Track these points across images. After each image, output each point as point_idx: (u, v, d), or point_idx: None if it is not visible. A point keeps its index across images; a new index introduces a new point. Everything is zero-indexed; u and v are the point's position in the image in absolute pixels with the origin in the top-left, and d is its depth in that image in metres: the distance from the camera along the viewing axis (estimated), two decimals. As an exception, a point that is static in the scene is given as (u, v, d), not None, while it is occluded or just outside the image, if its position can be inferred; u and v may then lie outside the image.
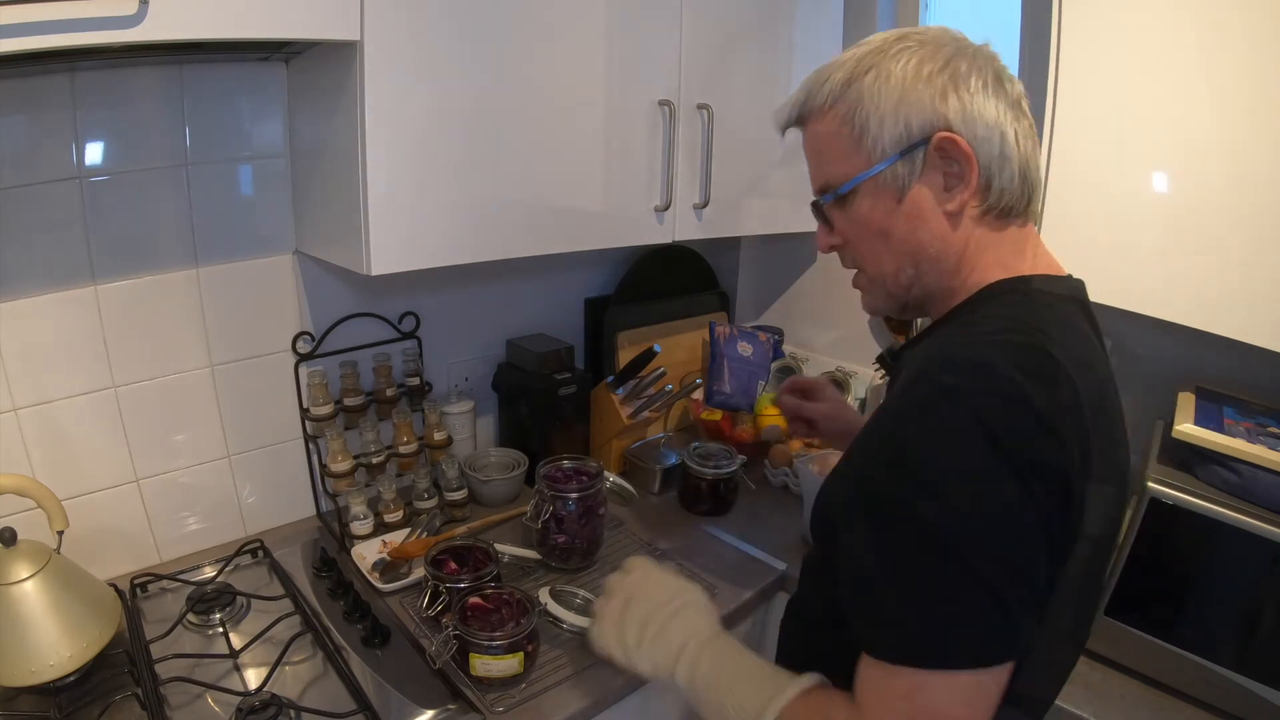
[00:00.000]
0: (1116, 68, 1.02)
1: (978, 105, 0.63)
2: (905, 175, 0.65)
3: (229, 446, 1.21)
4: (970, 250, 0.66)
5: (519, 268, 1.49)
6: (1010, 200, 0.65)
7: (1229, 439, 0.95)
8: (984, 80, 0.63)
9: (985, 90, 0.63)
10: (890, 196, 0.66)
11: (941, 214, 0.65)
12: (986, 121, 0.63)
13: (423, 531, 1.23)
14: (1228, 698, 0.92)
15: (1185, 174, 0.98)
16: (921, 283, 0.69)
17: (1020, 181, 0.65)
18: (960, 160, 0.63)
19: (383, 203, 0.95)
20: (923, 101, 0.63)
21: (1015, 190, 0.65)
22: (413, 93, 0.95)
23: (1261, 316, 0.93)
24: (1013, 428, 0.54)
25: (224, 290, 1.14)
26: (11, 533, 0.88)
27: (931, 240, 0.66)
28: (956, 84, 0.63)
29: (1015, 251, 0.67)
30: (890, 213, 0.67)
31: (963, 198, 0.64)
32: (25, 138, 0.95)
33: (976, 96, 0.63)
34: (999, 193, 0.64)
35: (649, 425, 1.57)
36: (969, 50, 0.65)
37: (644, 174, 1.23)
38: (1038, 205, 0.68)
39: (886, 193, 0.66)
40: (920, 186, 0.65)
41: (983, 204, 0.65)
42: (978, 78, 0.63)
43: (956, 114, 0.63)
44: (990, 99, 0.63)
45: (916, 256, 0.67)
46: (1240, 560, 0.91)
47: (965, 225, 0.66)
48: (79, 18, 0.70)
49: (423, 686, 0.93)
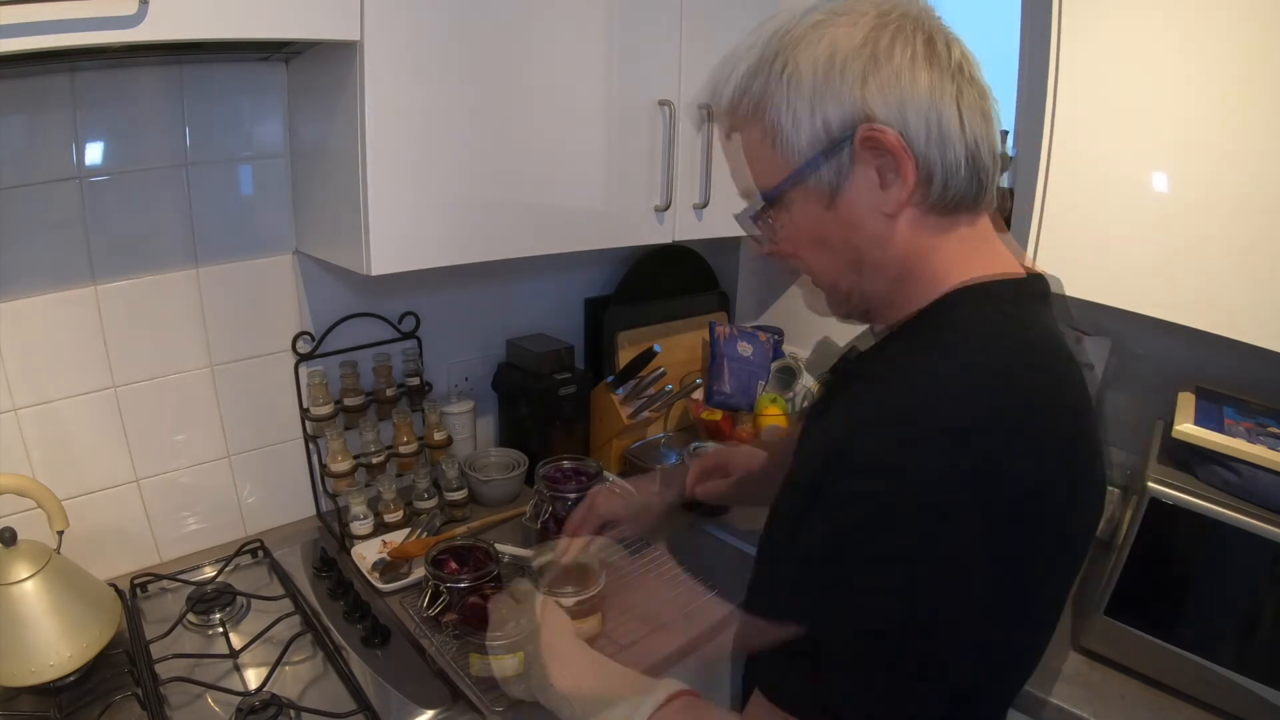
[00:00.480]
0: (1117, 68, 1.02)
1: (905, 85, 0.54)
2: (832, 177, 0.57)
3: (229, 446, 1.21)
4: (915, 254, 0.59)
5: (519, 268, 1.49)
6: (957, 191, 0.56)
7: (1229, 439, 0.95)
8: (911, 51, 0.54)
9: (914, 64, 0.54)
10: (818, 201, 0.58)
11: (880, 216, 0.57)
12: (918, 103, 0.54)
13: (423, 531, 1.23)
14: (1228, 698, 0.92)
15: (1185, 174, 0.98)
16: (862, 290, 0.62)
17: (968, 167, 0.56)
18: (892, 154, 0.55)
19: (383, 203, 0.95)
20: (839, 92, 0.55)
21: (962, 180, 0.56)
22: (413, 93, 0.95)
23: (1261, 316, 0.93)
24: (997, 511, 0.49)
25: (224, 290, 1.14)
26: (11, 533, 0.88)
27: (870, 246, 0.59)
28: (877, 63, 0.54)
29: (968, 252, 0.59)
30: (822, 219, 0.59)
31: (900, 196, 0.56)
32: (25, 138, 0.95)
33: (903, 75, 0.54)
34: (943, 184, 0.56)
35: (649, 425, 1.57)
36: (893, 16, 0.55)
37: (644, 174, 1.23)
38: (993, 192, 0.59)
39: (814, 197, 0.58)
40: (851, 188, 0.57)
41: (925, 200, 0.57)
42: (903, 49, 0.54)
43: (878, 101, 0.54)
44: (921, 71, 0.54)
45: (857, 264, 0.60)
46: (1240, 560, 0.91)
47: (907, 226, 0.58)
48: (79, 18, 0.70)
49: (423, 686, 0.93)
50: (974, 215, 0.60)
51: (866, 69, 0.54)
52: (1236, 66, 0.91)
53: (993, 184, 0.59)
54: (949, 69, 0.55)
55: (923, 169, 0.55)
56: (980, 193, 0.58)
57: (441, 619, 1.00)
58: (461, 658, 0.98)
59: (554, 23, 1.06)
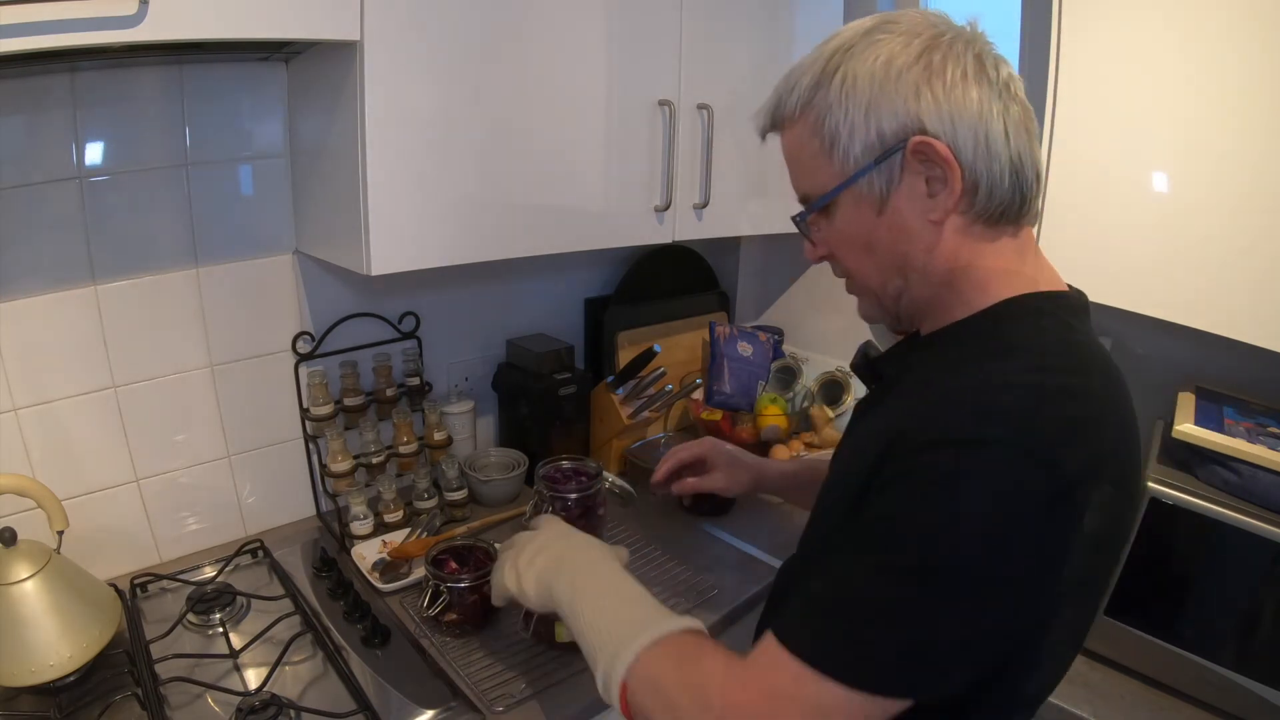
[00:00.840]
0: (1117, 68, 1.02)
1: (956, 100, 0.58)
2: (883, 184, 0.61)
3: (229, 446, 1.21)
4: (961, 260, 0.62)
5: (519, 268, 1.49)
6: (1001, 203, 0.60)
7: (1229, 439, 0.95)
8: (962, 68, 0.58)
9: (964, 80, 0.58)
10: (869, 208, 0.62)
11: (926, 223, 0.61)
12: (967, 117, 0.58)
13: (423, 531, 1.23)
14: (1228, 698, 0.92)
15: (1185, 174, 0.98)
16: (910, 295, 0.65)
17: (1012, 180, 0.60)
18: (940, 164, 0.58)
19: (383, 203, 0.95)
20: (894, 103, 0.59)
21: (1006, 191, 0.60)
22: (413, 93, 0.95)
23: (1261, 316, 0.93)
24: (1039, 493, 0.51)
25: (224, 290, 1.14)
26: (11, 533, 0.88)
27: (916, 253, 0.62)
28: (930, 78, 0.58)
29: (1012, 262, 0.63)
30: (871, 225, 0.63)
31: (947, 205, 0.60)
32: (25, 138, 0.95)
33: (955, 90, 0.58)
34: (987, 195, 0.60)
35: (649, 425, 1.57)
36: (946, 36, 0.59)
37: (644, 174, 1.23)
38: (1036, 207, 0.63)
39: (865, 204, 0.62)
40: (901, 195, 0.61)
41: (970, 208, 0.60)
42: (955, 67, 0.58)
43: (931, 113, 0.58)
44: (971, 88, 0.58)
45: (903, 269, 0.64)
46: (1240, 560, 0.91)
47: (952, 235, 0.61)
48: (79, 18, 0.70)
49: (423, 686, 0.93)
50: (1017, 227, 0.63)
51: (919, 83, 0.58)
52: (1236, 67, 0.91)
53: (1034, 199, 0.62)
54: (997, 84, 0.59)
55: (969, 179, 0.59)
56: (1023, 204, 0.61)
57: (442, 619, 1.00)
58: (462, 658, 0.98)
59: (554, 22, 1.06)
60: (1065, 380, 0.55)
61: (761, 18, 1.33)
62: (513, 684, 0.94)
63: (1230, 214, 0.94)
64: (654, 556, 1.23)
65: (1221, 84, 0.93)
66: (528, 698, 0.93)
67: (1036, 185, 0.62)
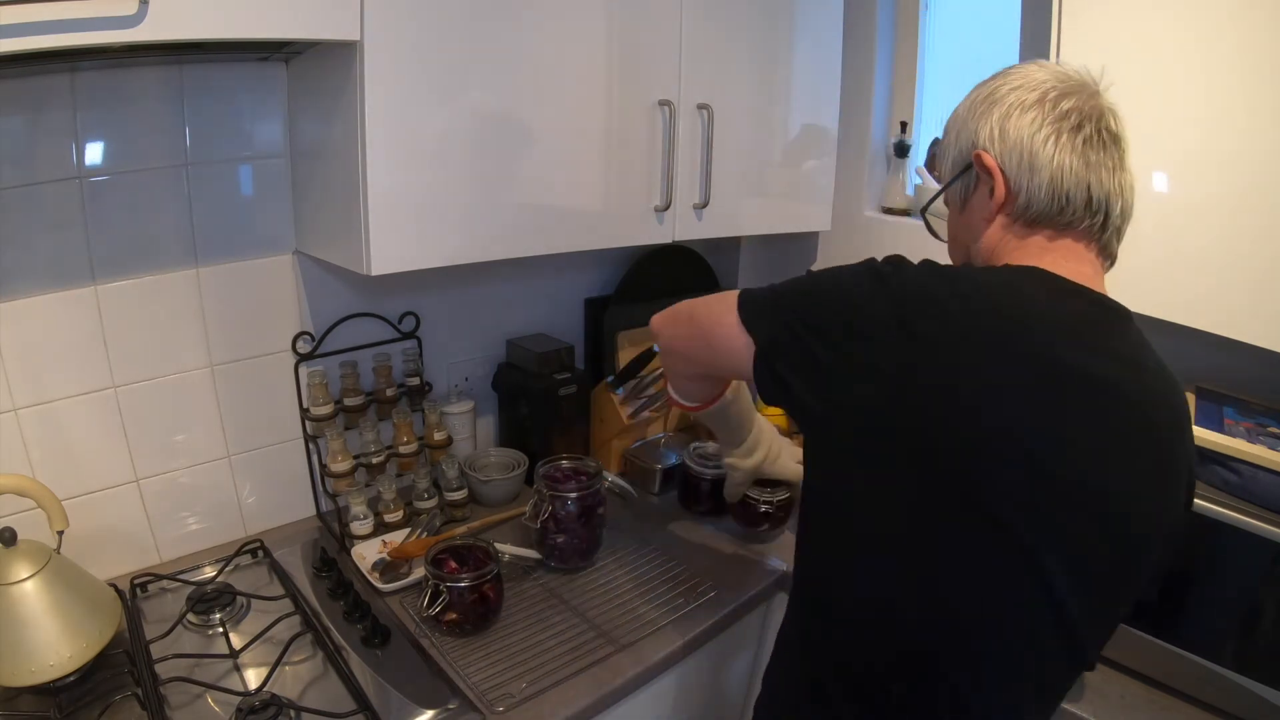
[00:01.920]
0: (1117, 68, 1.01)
1: (1011, 123, 0.70)
2: (962, 189, 0.76)
3: (229, 446, 1.21)
4: (998, 249, 0.73)
5: (519, 268, 1.49)
6: (1038, 209, 0.69)
7: (1229, 439, 0.95)
8: (1022, 101, 0.70)
9: (1023, 108, 0.69)
10: (955, 206, 0.79)
11: (982, 219, 0.74)
12: (1016, 137, 0.69)
13: (423, 531, 1.23)
14: (1228, 698, 0.92)
15: (1186, 174, 0.98)
16: (969, 265, 0.80)
17: (1050, 192, 0.68)
18: (990, 171, 0.71)
19: (383, 203, 0.95)
20: (969, 126, 0.73)
21: (1043, 200, 0.69)
22: (413, 93, 0.95)
23: (1261, 316, 0.93)
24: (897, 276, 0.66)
25: (224, 290, 1.15)
26: (11, 533, 0.88)
27: (972, 239, 0.76)
28: (991, 107, 0.71)
29: (1035, 253, 0.71)
30: (955, 219, 0.80)
31: (994, 205, 0.71)
32: (25, 138, 0.95)
33: (1012, 116, 0.70)
34: (1025, 202, 0.70)
35: (649, 425, 1.57)
36: (1035, 84, 0.71)
37: (644, 174, 1.23)
38: (1089, 223, 0.70)
39: (954, 203, 0.79)
40: (974, 197, 0.75)
41: (1011, 210, 0.71)
42: (1018, 98, 0.70)
43: (987, 133, 0.71)
44: (1028, 114, 0.69)
45: (966, 251, 0.79)
46: (1240, 560, 0.91)
47: (996, 229, 0.73)
48: (79, 18, 0.70)
49: (423, 686, 0.93)
50: (1055, 232, 0.70)
51: (984, 110, 0.72)
52: (1237, 66, 0.91)
53: (1083, 214, 0.69)
54: (1059, 114, 0.69)
55: (1011, 186, 0.70)
56: (1059, 213, 0.69)
57: (442, 618, 1.00)
58: (462, 658, 0.98)
59: (554, 22, 1.06)
60: (984, 277, 0.67)
61: (761, 18, 1.33)
62: (513, 684, 0.94)
63: (1231, 214, 0.94)
64: (654, 556, 1.23)
65: (1222, 84, 0.93)
66: (528, 698, 0.93)
67: (1087, 204, 0.69)
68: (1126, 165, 0.71)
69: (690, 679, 1.14)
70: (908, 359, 0.61)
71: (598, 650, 1.02)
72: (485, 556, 1.06)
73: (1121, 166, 0.70)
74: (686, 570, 1.19)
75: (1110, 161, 0.70)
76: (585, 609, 1.10)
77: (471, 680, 0.94)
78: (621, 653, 1.02)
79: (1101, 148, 0.69)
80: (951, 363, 0.60)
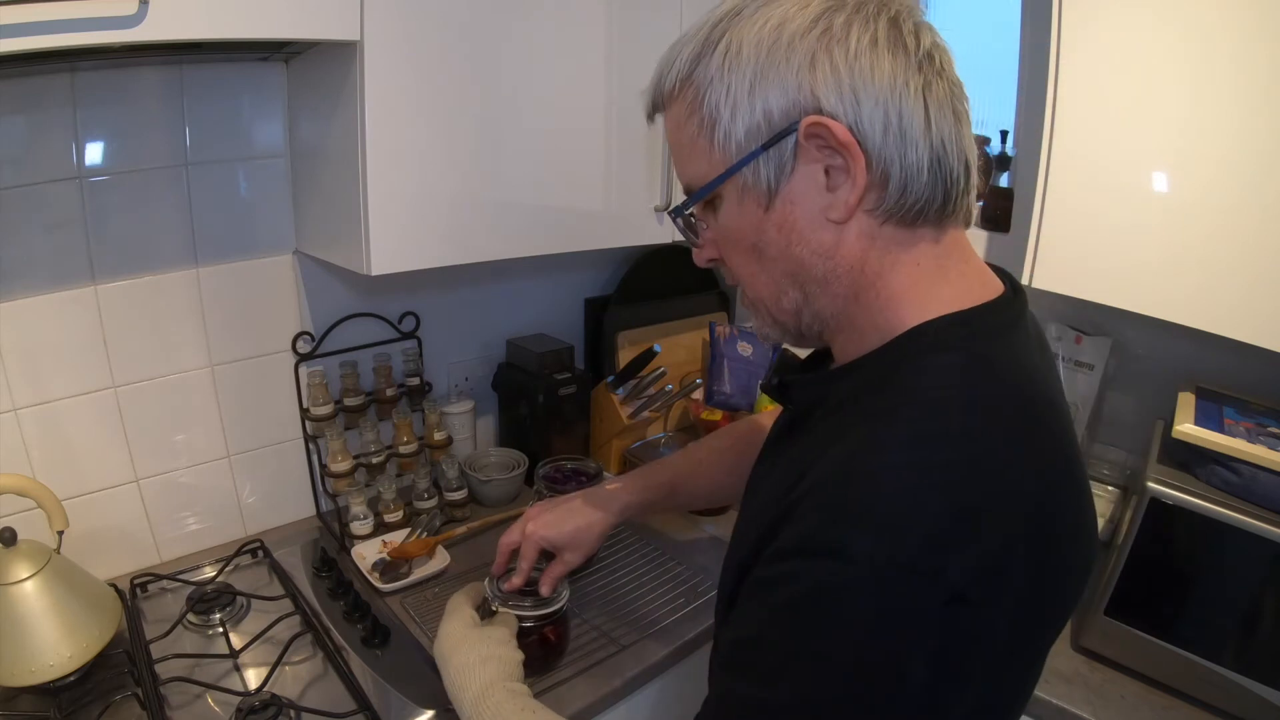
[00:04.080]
0: (1117, 67, 1.02)
1: (861, 71, 0.47)
2: (771, 174, 0.50)
3: (229, 446, 1.21)
4: (869, 271, 0.51)
5: (519, 268, 1.49)
6: (919, 198, 0.49)
7: (1229, 439, 0.95)
8: (873, 35, 0.47)
9: (874, 48, 0.47)
10: (755, 202, 0.52)
11: (825, 222, 0.50)
12: (875, 92, 0.47)
13: (423, 531, 1.23)
14: (1228, 698, 0.92)
15: (1186, 174, 0.98)
16: (812, 309, 0.54)
17: (933, 172, 0.49)
18: (841, 150, 0.48)
19: (383, 203, 0.95)
20: (784, 77, 0.48)
21: (924, 186, 0.49)
22: (413, 93, 0.95)
23: (1261, 316, 0.93)
24: (927, 620, 0.42)
25: (224, 290, 1.14)
26: (11, 533, 0.88)
27: (814, 258, 0.52)
28: (830, 45, 0.47)
29: (934, 273, 0.52)
30: (758, 223, 0.52)
31: (849, 200, 0.49)
32: (25, 138, 0.95)
33: (861, 59, 0.47)
34: (900, 190, 0.49)
35: (649, 425, 1.57)
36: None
37: (644, 174, 1.23)
38: (967, 204, 0.52)
39: (751, 197, 0.52)
40: (793, 188, 0.50)
41: (880, 205, 0.49)
42: (862, 31, 0.47)
43: (830, 88, 0.47)
44: (883, 58, 0.47)
45: (798, 278, 0.53)
46: (1240, 560, 0.91)
47: (857, 238, 0.51)
48: (79, 18, 0.70)
49: (423, 687, 0.93)
50: (939, 230, 0.52)
51: (816, 50, 0.47)
52: (1237, 66, 0.91)
53: (963, 195, 0.51)
54: (918, 55, 0.48)
55: (877, 167, 0.48)
56: (945, 202, 0.50)
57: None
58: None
59: (554, 23, 1.06)
60: (952, 454, 0.44)
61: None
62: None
63: (1230, 214, 0.94)
64: (654, 556, 1.23)
65: (1221, 84, 0.93)
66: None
67: (966, 178, 0.51)
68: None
69: (691, 679, 1.13)
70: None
71: (598, 650, 1.02)
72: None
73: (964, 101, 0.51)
74: (686, 570, 1.19)
75: (959, 104, 0.50)
76: (585, 609, 1.10)
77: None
78: (622, 653, 1.02)
79: (953, 91, 0.50)
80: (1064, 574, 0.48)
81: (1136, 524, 0.96)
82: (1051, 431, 0.49)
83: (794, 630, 0.44)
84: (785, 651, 0.45)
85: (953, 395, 0.48)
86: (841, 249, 0.51)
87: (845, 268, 0.52)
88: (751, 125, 0.50)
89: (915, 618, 0.42)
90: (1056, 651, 1.03)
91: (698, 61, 0.52)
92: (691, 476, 0.99)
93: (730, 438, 1.03)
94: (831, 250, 0.51)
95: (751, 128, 0.50)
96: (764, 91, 0.49)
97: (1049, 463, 0.48)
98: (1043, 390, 0.51)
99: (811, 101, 0.48)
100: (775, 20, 0.48)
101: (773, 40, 0.48)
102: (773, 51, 0.48)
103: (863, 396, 0.52)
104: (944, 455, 0.44)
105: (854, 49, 0.47)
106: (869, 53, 0.47)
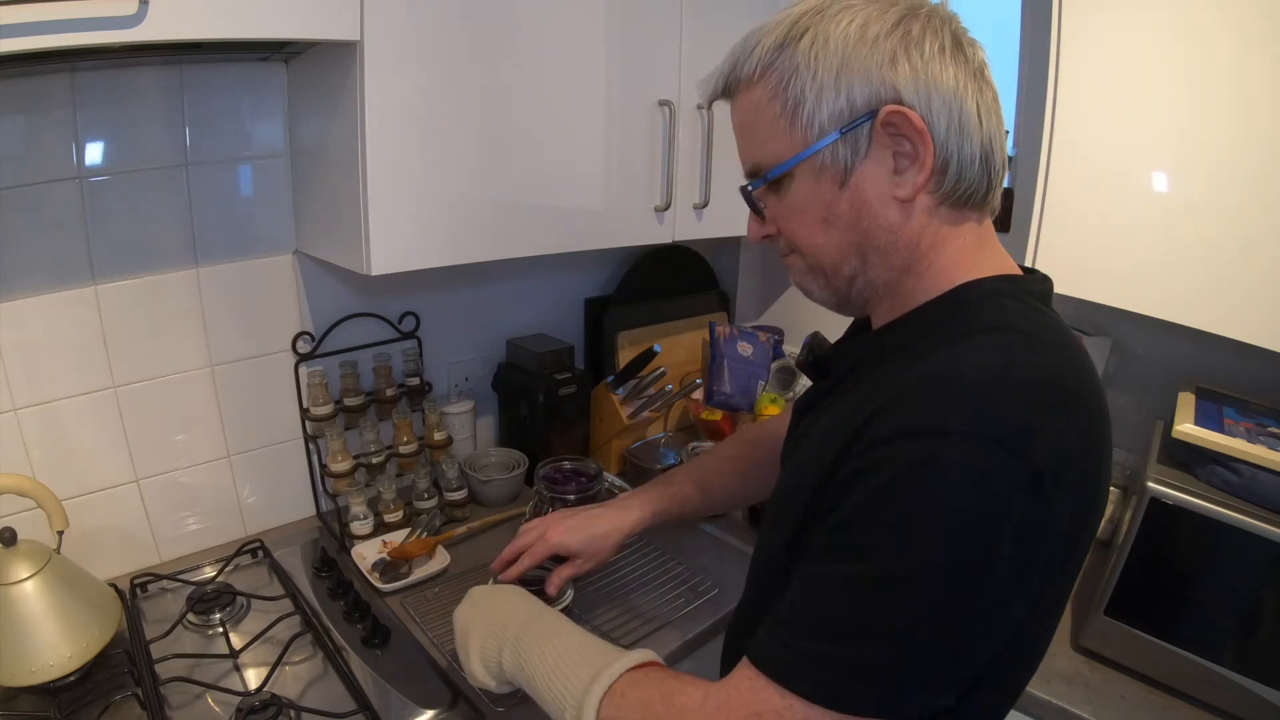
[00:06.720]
0: (1117, 67, 1.02)
1: (933, 72, 0.55)
2: (848, 155, 0.57)
3: (229, 446, 1.21)
4: (924, 245, 0.59)
5: (519, 268, 1.49)
6: (970, 186, 0.57)
7: (1229, 439, 0.95)
8: (941, 44, 0.55)
9: (943, 55, 0.55)
10: (832, 180, 0.58)
11: (892, 200, 0.57)
12: (944, 92, 0.55)
13: (423, 531, 1.23)
14: (1228, 698, 0.92)
15: (1186, 174, 0.98)
16: (867, 277, 0.61)
17: (982, 164, 0.57)
18: (912, 138, 0.55)
19: (383, 203, 0.95)
20: (868, 69, 0.55)
21: (976, 174, 0.57)
22: (412, 93, 0.95)
23: (1261, 316, 0.93)
24: (1014, 494, 0.48)
25: (224, 290, 1.14)
26: (11, 533, 0.88)
27: (879, 231, 0.58)
28: (909, 47, 0.55)
29: (976, 250, 0.60)
30: (832, 199, 0.58)
31: (916, 182, 0.56)
32: (25, 138, 0.95)
33: (932, 63, 0.55)
34: (957, 176, 0.57)
35: (649, 425, 1.57)
36: (922, 9, 0.57)
37: (644, 174, 1.23)
38: (996, 199, 0.61)
39: (827, 176, 0.58)
40: (866, 168, 0.57)
41: (939, 189, 0.57)
42: (933, 40, 0.55)
43: (908, 83, 0.55)
44: (949, 65, 0.55)
45: (862, 249, 0.60)
46: (1240, 560, 0.91)
47: (919, 215, 0.58)
48: (79, 18, 0.70)
49: (423, 686, 0.93)
50: (981, 214, 0.61)
51: (896, 50, 0.55)
52: (1237, 66, 0.91)
53: (998, 188, 0.60)
54: (973, 67, 0.57)
55: (940, 155, 0.56)
56: (988, 191, 0.59)
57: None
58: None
59: (554, 23, 1.06)
60: (1031, 360, 0.52)
61: (762, 18, 1.33)
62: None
63: (1230, 214, 0.94)
64: (654, 556, 1.23)
65: (1222, 84, 0.93)
66: (528, 698, 0.92)
67: (1003, 173, 0.60)
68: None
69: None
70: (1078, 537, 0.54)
71: (598, 650, 1.01)
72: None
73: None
74: (687, 569, 1.19)
75: (999, 109, 0.59)
76: (585, 609, 1.09)
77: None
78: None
79: (995, 99, 0.59)
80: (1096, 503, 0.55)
81: (1136, 524, 0.96)
82: (1096, 378, 0.57)
83: (894, 504, 0.49)
84: (884, 524, 0.50)
85: (1018, 323, 0.55)
86: (905, 225, 0.58)
87: (905, 241, 0.59)
88: (835, 110, 0.56)
89: (1004, 492, 0.47)
90: (1056, 652, 1.03)
91: (781, 50, 0.58)
92: (705, 485, 1.02)
93: (737, 445, 1.05)
94: (897, 225, 0.58)
95: (835, 112, 0.56)
96: (849, 80, 0.55)
97: (1098, 399, 0.55)
98: (1075, 339, 0.58)
99: (891, 93, 0.55)
100: (860, 20, 0.56)
101: (858, 37, 0.55)
102: (859, 46, 0.55)
103: (914, 343, 0.59)
104: (1022, 358, 0.52)
105: (928, 53, 0.55)
106: (938, 58, 0.55)
